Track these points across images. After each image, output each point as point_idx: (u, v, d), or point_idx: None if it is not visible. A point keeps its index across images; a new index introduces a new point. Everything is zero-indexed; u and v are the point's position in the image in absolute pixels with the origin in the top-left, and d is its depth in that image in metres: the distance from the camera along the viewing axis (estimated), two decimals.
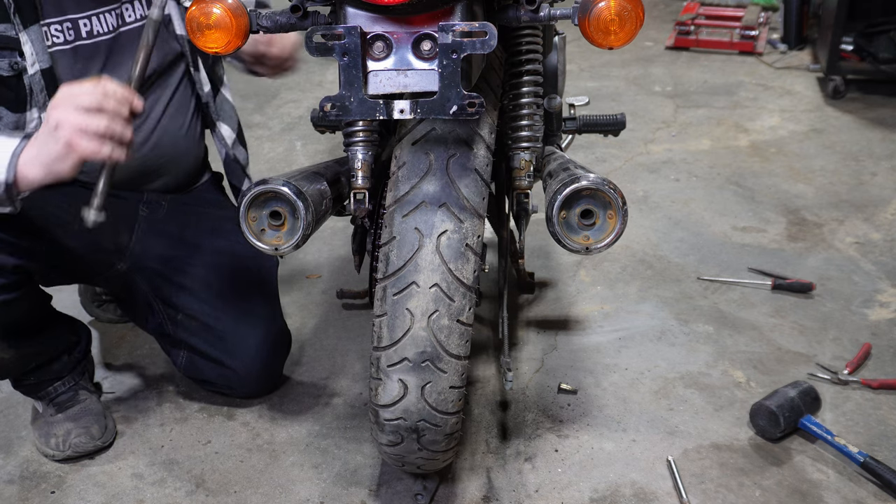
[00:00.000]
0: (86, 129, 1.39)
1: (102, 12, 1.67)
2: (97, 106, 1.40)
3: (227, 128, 1.93)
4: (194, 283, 1.89)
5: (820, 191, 2.89)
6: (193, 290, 1.89)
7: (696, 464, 1.74)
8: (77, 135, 1.39)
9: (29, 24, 1.57)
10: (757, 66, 4.14)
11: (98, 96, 1.41)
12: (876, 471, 1.66)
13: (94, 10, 1.66)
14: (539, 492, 1.69)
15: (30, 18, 1.58)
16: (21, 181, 1.44)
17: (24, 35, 1.57)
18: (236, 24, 1.33)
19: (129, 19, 1.70)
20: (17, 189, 1.45)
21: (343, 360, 2.12)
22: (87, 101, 1.40)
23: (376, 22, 1.28)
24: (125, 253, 1.87)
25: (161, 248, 1.89)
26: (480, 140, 1.43)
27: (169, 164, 1.87)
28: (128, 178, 1.82)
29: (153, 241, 1.89)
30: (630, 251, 2.55)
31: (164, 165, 1.86)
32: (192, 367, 1.93)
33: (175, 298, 1.89)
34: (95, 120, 1.40)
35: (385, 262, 1.39)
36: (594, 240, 1.37)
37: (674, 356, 2.08)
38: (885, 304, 2.26)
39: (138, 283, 1.90)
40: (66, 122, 1.39)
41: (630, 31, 1.28)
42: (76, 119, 1.39)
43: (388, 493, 1.70)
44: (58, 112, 1.40)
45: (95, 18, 1.66)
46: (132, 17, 1.71)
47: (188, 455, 1.83)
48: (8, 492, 1.75)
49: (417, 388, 1.37)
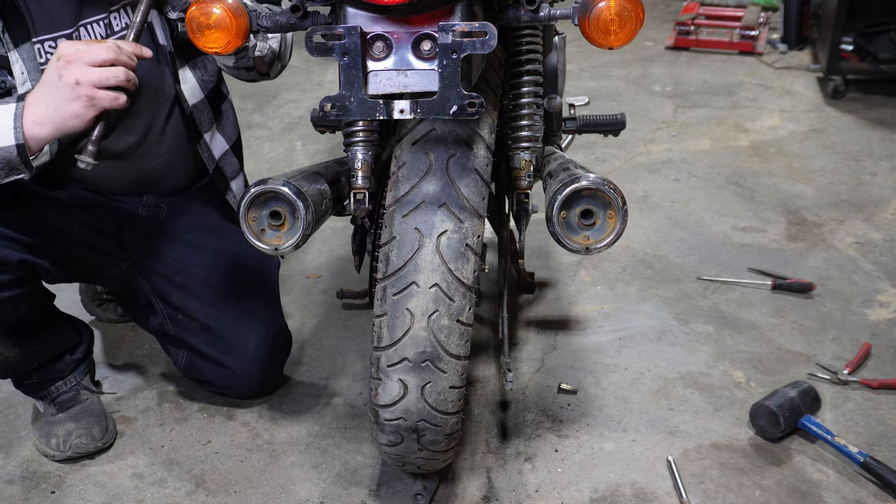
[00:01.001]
0: (105, 82, 1.45)
1: (91, 23, 1.66)
2: (113, 59, 1.46)
3: (219, 137, 1.92)
4: (195, 283, 1.89)
5: (820, 191, 2.89)
6: (194, 290, 1.89)
7: (696, 464, 1.74)
8: (97, 90, 1.44)
9: (20, 42, 1.56)
10: (757, 66, 4.14)
11: (113, 50, 1.46)
12: (876, 471, 1.66)
13: (85, 21, 1.65)
14: (539, 492, 1.69)
15: (21, 37, 1.57)
16: (31, 141, 1.45)
17: (15, 54, 1.56)
18: (236, 24, 1.33)
19: (117, 28, 1.69)
20: (29, 151, 1.46)
21: (343, 360, 2.12)
22: (103, 56, 1.45)
23: (376, 22, 1.28)
24: (125, 252, 1.87)
25: (161, 248, 1.89)
26: (480, 140, 1.43)
27: (167, 171, 1.86)
28: (126, 186, 1.82)
29: (153, 242, 1.89)
30: (630, 251, 2.55)
31: (162, 172, 1.86)
32: (192, 367, 1.93)
33: (176, 298, 1.89)
34: (113, 73, 1.46)
35: (385, 262, 1.39)
36: (594, 240, 1.37)
37: (674, 356, 2.08)
38: (885, 304, 2.26)
39: (139, 282, 1.91)
40: (85, 79, 1.44)
41: (630, 31, 1.28)
42: (95, 74, 1.44)
43: (388, 493, 1.70)
44: (72, 69, 1.44)
45: (84, 30, 1.65)
46: (119, 26, 1.70)
47: (188, 455, 1.83)
48: (8, 492, 1.75)
49: (417, 388, 1.37)
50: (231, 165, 1.95)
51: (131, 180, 1.82)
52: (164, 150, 1.82)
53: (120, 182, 1.82)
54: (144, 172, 1.82)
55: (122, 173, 1.80)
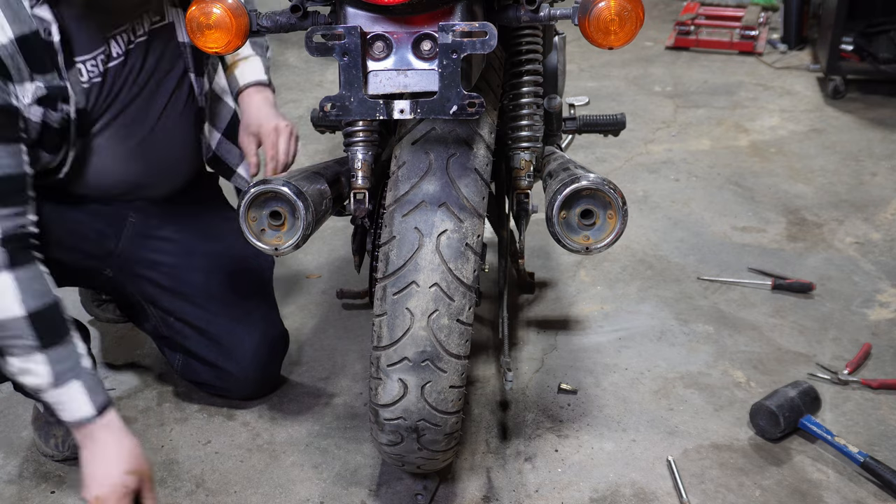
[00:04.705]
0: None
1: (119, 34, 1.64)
2: None
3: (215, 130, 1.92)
4: (187, 287, 1.87)
5: (820, 191, 2.89)
6: (186, 294, 1.87)
7: (696, 464, 1.74)
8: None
9: (69, 67, 1.55)
10: (757, 66, 4.14)
11: None
12: (876, 471, 1.66)
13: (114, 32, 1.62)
14: (539, 492, 1.69)
15: (68, 61, 1.55)
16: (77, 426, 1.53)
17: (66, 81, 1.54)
18: (236, 24, 1.33)
19: (139, 33, 1.68)
20: (75, 428, 1.54)
21: (343, 360, 2.12)
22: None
23: (376, 22, 1.28)
24: (111, 259, 1.84)
25: (151, 253, 1.86)
26: (480, 140, 1.43)
27: (164, 175, 1.84)
28: (122, 191, 1.80)
29: (142, 247, 1.86)
30: (630, 251, 2.55)
31: (159, 177, 1.83)
32: (188, 369, 1.93)
33: (167, 303, 1.88)
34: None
35: (385, 261, 1.39)
36: (594, 240, 1.37)
37: (674, 356, 2.08)
38: (885, 304, 2.26)
39: (127, 288, 1.89)
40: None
41: (630, 31, 1.28)
42: None
43: (388, 493, 1.70)
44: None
45: (114, 42, 1.63)
46: (141, 31, 1.68)
47: (188, 455, 1.83)
48: (8, 492, 1.75)
49: (417, 387, 1.38)
50: (231, 153, 1.95)
51: (129, 186, 1.80)
52: (166, 153, 1.81)
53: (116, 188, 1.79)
54: (143, 177, 1.80)
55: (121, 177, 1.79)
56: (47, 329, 1.49)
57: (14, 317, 1.46)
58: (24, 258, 1.49)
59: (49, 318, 1.49)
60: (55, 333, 1.50)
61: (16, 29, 1.44)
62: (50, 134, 1.56)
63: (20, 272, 1.47)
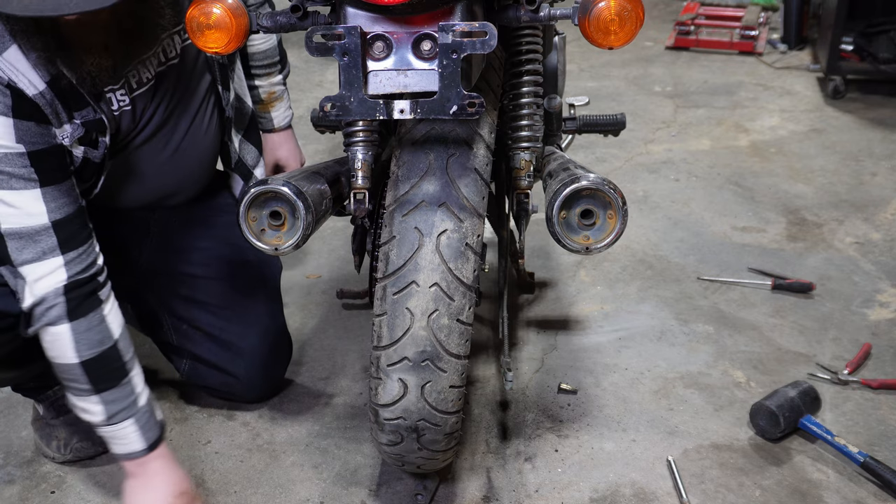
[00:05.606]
0: None
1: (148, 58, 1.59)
2: None
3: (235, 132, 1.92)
4: (201, 294, 1.88)
5: (820, 191, 2.89)
6: (200, 301, 1.88)
7: (696, 464, 1.74)
8: None
9: (97, 100, 1.52)
10: (757, 66, 4.14)
11: None
12: (876, 471, 1.66)
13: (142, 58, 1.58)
14: (539, 492, 1.69)
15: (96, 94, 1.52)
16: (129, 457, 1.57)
17: (102, 114, 1.53)
18: (236, 24, 1.33)
19: (171, 55, 1.65)
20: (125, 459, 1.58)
21: (343, 360, 2.12)
22: None
23: (376, 22, 1.28)
24: (133, 269, 1.86)
25: (170, 262, 1.88)
26: (480, 140, 1.43)
27: (188, 183, 1.84)
28: (147, 201, 1.80)
29: (162, 257, 1.88)
30: (630, 251, 2.55)
31: (183, 185, 1.83)
32: (194, 373, 1.93)
33: (182, 311, 1.89)
34: None
35: (385, 261, 1.39)
36: (594, 240, 1.37)
37: (674, 356, 2.08)
38: (885, 304, 2.26)
39: (147, 297, 1.90)
40: None
41: (630, 31, 1.28)
42: None
43: (388, 493, 1.70)
44: None
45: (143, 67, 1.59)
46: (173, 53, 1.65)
47: (188, 455, 1.83)
48: (8, 492, 1.75)
49: (417, 387, 1.37)
50: (250, 153, 1.96)
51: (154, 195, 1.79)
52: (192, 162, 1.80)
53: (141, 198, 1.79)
54: (167, 186, 1.80)
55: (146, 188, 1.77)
56: (100, 375, 1.52)
57: (70, 363, 1.51)
58: (84, 308, 1.50)
59: (103, 364, 1.52)
60: (109, 378, 1.53)
61: (43, 74, 1.42)
62: (89, 168, 1.57)
63: (77, 324, 1.49)
